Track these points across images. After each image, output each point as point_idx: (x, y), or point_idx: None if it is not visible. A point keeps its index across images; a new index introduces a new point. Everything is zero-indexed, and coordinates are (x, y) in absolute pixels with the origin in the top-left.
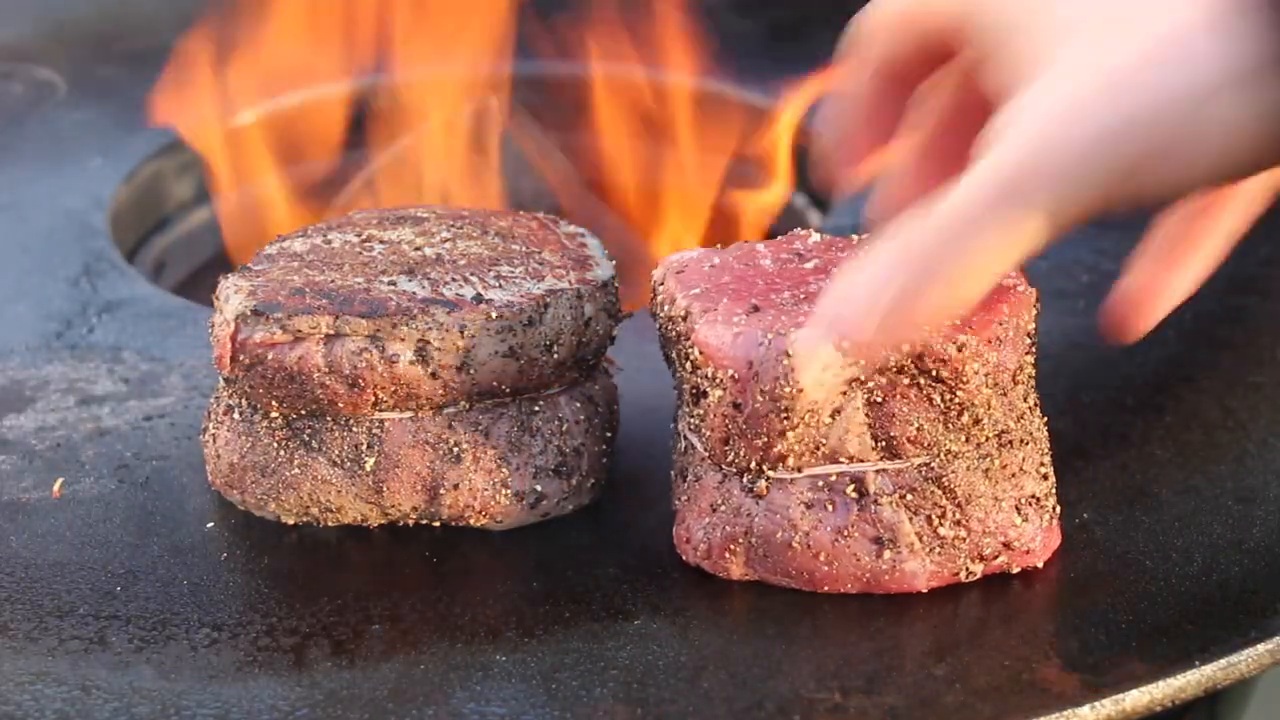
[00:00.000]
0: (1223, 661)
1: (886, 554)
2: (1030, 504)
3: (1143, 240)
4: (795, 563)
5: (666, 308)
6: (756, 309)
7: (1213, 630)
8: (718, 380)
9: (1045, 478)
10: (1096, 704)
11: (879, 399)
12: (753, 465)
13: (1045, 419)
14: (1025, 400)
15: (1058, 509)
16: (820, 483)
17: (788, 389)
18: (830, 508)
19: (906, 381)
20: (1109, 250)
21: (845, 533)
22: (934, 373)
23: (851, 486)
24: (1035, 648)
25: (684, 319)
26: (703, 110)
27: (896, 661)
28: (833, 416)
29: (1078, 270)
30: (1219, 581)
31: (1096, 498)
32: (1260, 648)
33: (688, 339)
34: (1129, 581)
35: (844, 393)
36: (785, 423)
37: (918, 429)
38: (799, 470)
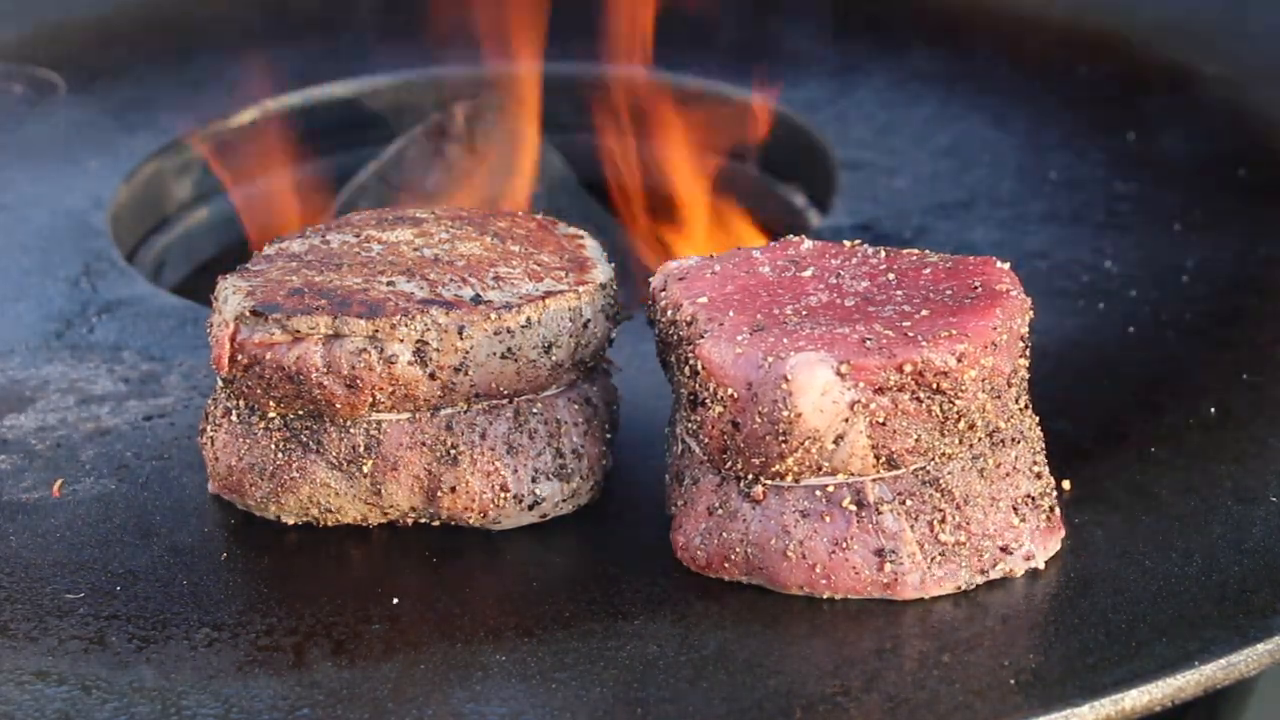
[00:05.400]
0: (1223, 661)
1: (888, 566)
2: (1026, 503)
3: None
4: (792, 574)
5: (670, 313)
6: (761, 327)
7: (1213, 630)
8: (718, 396)
9: (1039, 477)
10: (1096, 704)
11: (881, 419)
12: (750, 476)
13: (1038, 419)
14: (1017, 402)
15: (1056, 509)
16: (817, 492)
17: (786, 413)
18: (827, 519)
19: (907, 397)
20: (1109, 250)
21: (843, 544)
22: (934, 385)
23: (849, 498)
24: (1035, 647)
25: (689, 325)
26: (698, 108)
27: (896, 661)
28: (836, 443)
29: (1078, 270)
30: (1219, 581)
31: (1096, 498)
32: (1260, 648)
33: (690, 345)
34: (1129, 581)
35: (846, 419)
36: (784, 446)
37: (916, 440)
38: (797, 481)
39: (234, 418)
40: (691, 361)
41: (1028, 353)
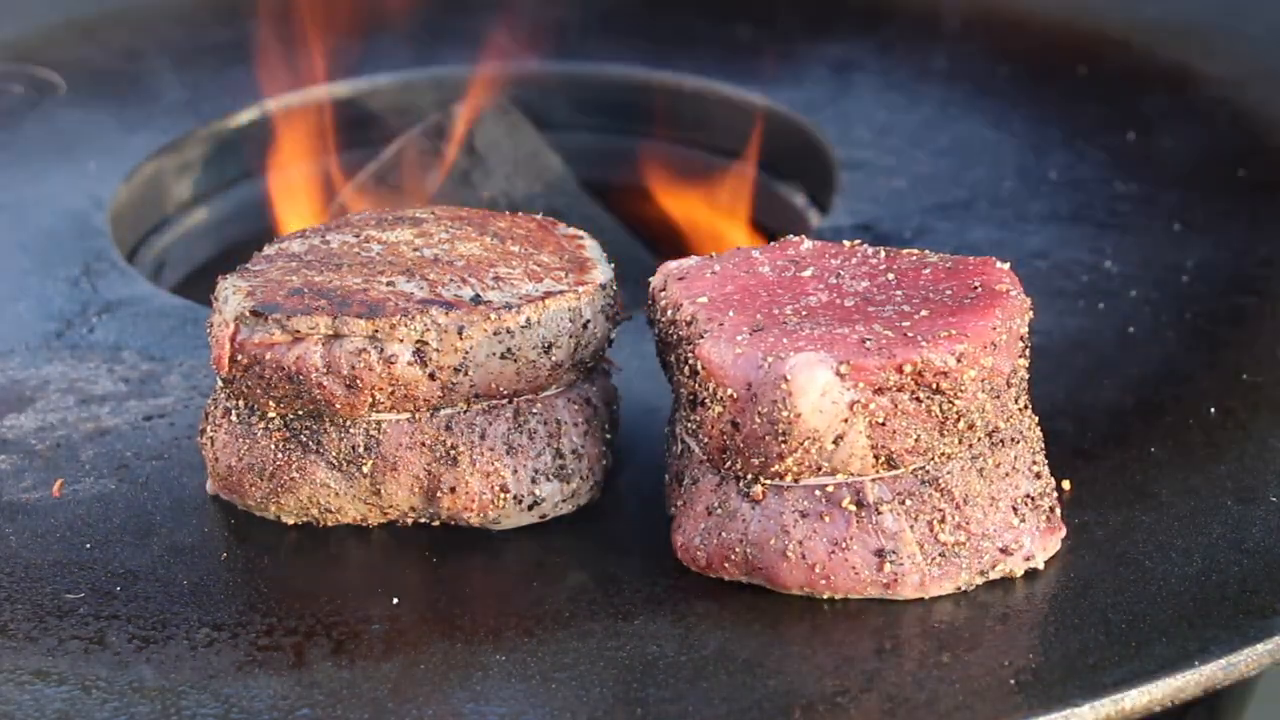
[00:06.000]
0: (1223, 661)
1: (887, 566)
2: (1026, 503)
3: None
4: (792, 574)
5: (670, 313)
6: (761, 327)
7: (1213, 630)
8: (718, 396)
9: (1039, 476)
10: (1096, 704)
11: (881, 419)
12: (749, 476)
13: (1038, 419)
14: (1016, 402)
15: (1056, 509)
16: (817, 492)
17: (785, 413)
18: (827, 519)
19: (907, 398)
20: (1109, 250)
21: (843, 544)
22: (934, 385)
23: (849, 498)
24: (1035, 647)
25: (689, 324)
26: (701, 109)
27: (896, 661)
28: (835, 443)
29: (1078, 270)
30: (1219, 581)
31: (1096, 498)
32: (1260, 648)
33: (690, 345)
34: (1129, 581)
35: (846, 420)
36: (783, 446)
37: (916, 440)
38: (796, 480)
39: (234, 418)
40: (691, 361)
41: (1027, 353)
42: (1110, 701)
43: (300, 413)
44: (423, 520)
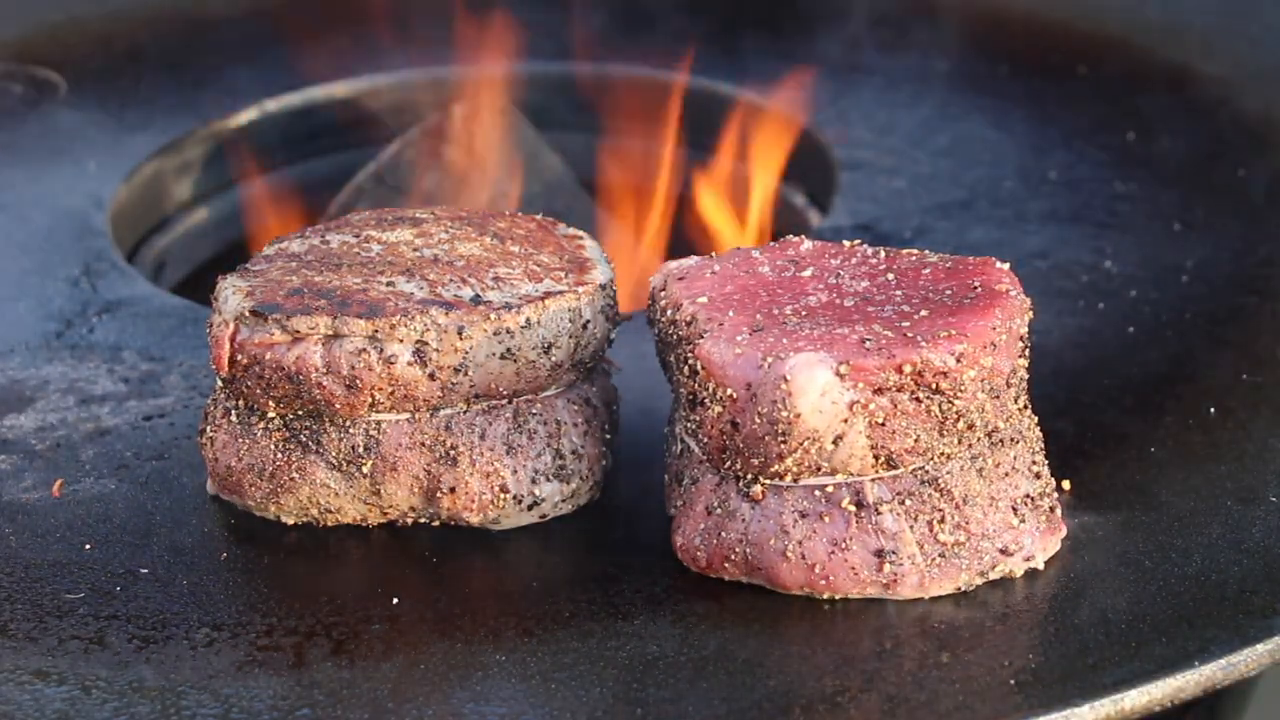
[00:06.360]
0: (1223, 661)
1: (887, 567)
2: (1025, 503)
3: None
4: (792, 574)
5: (670, 313)
6: (761, 327)
7: (1213, 630)
8: (717, 396)
9: (1038, 476)
10: (1096, 704)
11: (880, 419)
12: (749, 476)
13: (1038, 419)
14: (1016, 401)
15: (1056, 509)
16: (817, 492)
17: (785, 414)
18: (826, 519)
19: (906, 398)
20: (1109, 250)
21: (842, 545)
22: (934, 385)
23: (848, 499)
24: (1035, 647)
25: (689, 324)
26: (700, 109)
27: (896, 661)
28: (835, 443)
29: (1078, 270)
30: (1219, 581)
31: (1096, 498)
32: (1260, 648)
33: (689, 345)
34: (1129, 581)
35: (845, 420)
36: (783, 446)
37: (915, 440)
38: (796, 480)
39: (233, 418)
40: (691, 361)
41: (1027, 353)
42: (1110, 701)
43: (300, 413)
44: (423, 520)
